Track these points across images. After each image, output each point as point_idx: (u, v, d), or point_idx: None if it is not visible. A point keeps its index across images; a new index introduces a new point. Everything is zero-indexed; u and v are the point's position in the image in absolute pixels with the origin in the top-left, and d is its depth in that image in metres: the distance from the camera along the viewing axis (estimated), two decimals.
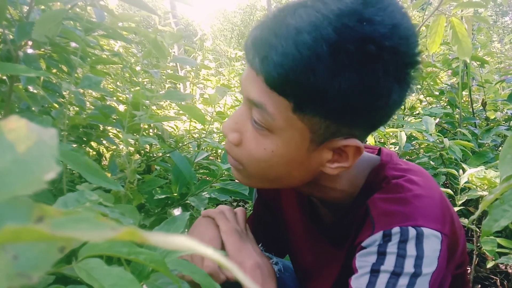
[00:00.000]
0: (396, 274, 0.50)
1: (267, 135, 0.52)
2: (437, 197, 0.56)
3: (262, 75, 0.48)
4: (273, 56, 0.46)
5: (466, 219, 1.06)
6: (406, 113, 1.96)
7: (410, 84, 0.50)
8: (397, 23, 0.45)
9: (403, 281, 0.49)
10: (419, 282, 0.49)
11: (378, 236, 0.53)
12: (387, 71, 0.46)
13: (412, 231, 0.51)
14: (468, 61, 1.65)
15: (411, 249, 0.50)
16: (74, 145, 0.95)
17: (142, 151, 1.32)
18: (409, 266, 0.50)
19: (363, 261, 0.54)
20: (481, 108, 1.98)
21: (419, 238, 0.51)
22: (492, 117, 1.94)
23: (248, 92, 0.51)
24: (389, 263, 0.51)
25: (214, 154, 1.88)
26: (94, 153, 1.25)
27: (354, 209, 0.61)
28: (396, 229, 0.52)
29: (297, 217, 0.74)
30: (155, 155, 1.32)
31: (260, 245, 0.69)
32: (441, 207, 0.55)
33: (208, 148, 1.61)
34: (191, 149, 1.46)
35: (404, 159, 1.67)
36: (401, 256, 0.51)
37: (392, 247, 0.51)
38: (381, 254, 0.52)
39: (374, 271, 0.52)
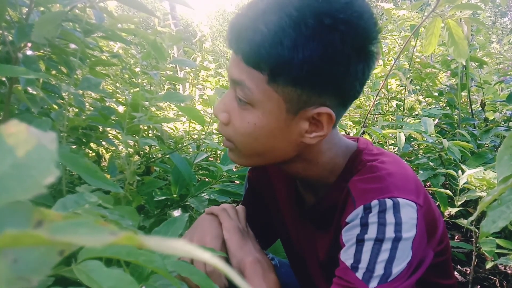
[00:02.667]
0: (379, 240, 0.55)
1: (249, 109, 0.57)
2: (410, 174, 0.63)
3: (239, 53, 0.54)
4: (246, 34, 0.53)
5: (465, 220, 1.06)
6: (405, 114, 1.96)
7: (371, 58, 0.56)
8: (351, 1, 0.52)
9: (386, 245, 0.55)
10: (401, 246, 0.54)
11: (359, 210, 0.58)
12: (344, 41, 0.52)
13: (389, 202, 0.57)
14: (465, 62, 1.65)
15: (390, 217, 0.56)
16: (74, 147, 0.95)
17: (142, 153, 1.32)
18: (390, 232, 0.55)
19: (349, 234, 0.59)
20: (480, 109, 1.98)
21: (396, 207, 0.56)
22: (491, 118, 1.94)
23: (231, 73, 0.58)
24: (372, 231, 0.56)
25: (214, 155, 1.88)
26: (94, 154, 1.25)
27: (334, 191, 0.66)
28: (375, 202, 0.57)
29: (286, 202, 0.79)
30: (154, 157, 1.32)
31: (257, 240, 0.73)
32: (414, 183, 0.61)
33: (207, 149, 1.60)
34: (191, 150, 1.46)
35: (404, 160, 1.67)
36: (381, 224, 0.56)
37: (373, 218, 0.57)
38: (364, 225, 0.57)
39: (359, 241, 0.57)
